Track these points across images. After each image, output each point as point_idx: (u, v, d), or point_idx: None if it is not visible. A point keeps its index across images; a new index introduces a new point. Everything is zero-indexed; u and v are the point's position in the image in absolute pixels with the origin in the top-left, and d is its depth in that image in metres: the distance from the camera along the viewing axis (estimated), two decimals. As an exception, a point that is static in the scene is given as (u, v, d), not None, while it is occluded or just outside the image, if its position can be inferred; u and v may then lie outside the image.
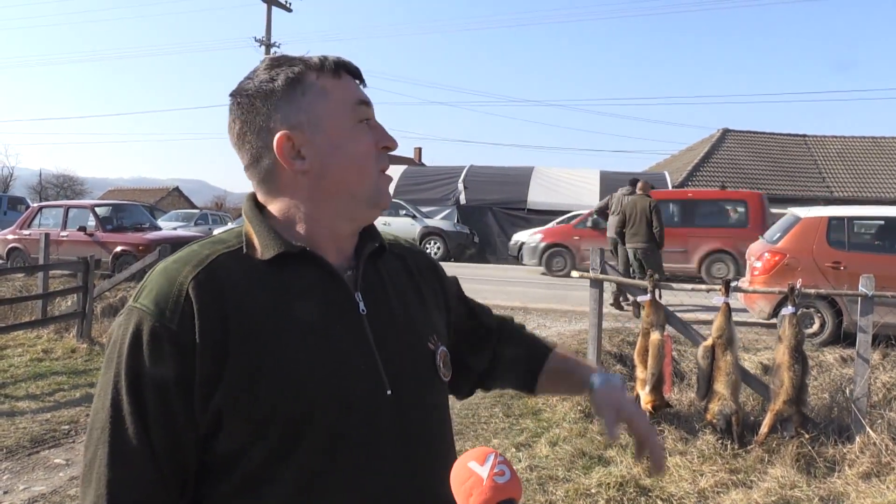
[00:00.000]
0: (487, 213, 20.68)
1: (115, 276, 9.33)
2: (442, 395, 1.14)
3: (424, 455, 1.04)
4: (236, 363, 0.91)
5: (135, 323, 0.92)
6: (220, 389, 0.91)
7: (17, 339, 7.93)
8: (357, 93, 1.07)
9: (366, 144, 1.05)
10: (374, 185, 1.06)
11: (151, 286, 0.95)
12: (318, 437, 0.95)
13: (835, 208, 9.06)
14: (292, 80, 1.02)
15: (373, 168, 1.05)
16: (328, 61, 1.05)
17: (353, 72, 1.08)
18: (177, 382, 0.90)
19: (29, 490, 4.02)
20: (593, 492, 3.86)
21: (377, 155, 1.06)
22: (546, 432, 4.79)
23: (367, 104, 1.07)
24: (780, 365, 4.52)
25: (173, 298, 0.92)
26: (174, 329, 0.91)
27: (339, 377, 0.97)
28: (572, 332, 8.33)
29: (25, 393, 5.95)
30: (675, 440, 4.61)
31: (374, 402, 0.99)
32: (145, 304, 0.93)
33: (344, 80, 1.06)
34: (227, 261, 0.98)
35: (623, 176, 22.68)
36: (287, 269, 1.00)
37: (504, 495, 0.88)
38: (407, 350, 1.07)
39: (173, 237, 13.21)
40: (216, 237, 1.06)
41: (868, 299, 4.69)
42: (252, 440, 0.93)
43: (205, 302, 0.92)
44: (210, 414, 0.91)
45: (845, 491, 3.96)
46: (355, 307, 1.03)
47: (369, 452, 0.98)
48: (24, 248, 13.29)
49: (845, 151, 25.69)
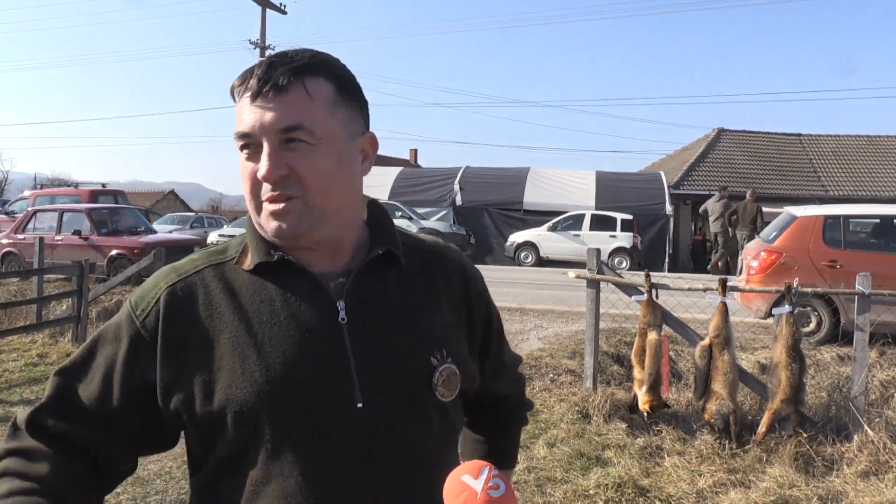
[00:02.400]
0: (484, 214, 20.69)
1: (110, 280, 9.30)
2: (435, 414, 1.05)
3: (388, 471, 0.98)
4: (193, 370, 0.97)
5: (121, 311, 1.04)
6: (175, 396, 0.97)
7: (12, 344, 7.89)
8: (239, 117, 1.00)
9: (243, 173, 1.02)
10: (256, 215, 1.02)
11: (144, 286, 1.05)
12: (268, 445, 0.96)
13: (831, 207, 9.07)
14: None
15: (251, 198, 1.01)
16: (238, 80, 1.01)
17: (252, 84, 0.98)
18: (123, 367, 1.00)
19: (23, 496, 3.99)
20: (591, 493, 3.84)
21: (255, 184, 1.00)
22: (544, 433, 4.77)
23: (243, 134, 0.99)
24: (777, 364, 4.51)
25: (148, 300, 1.02)
26: (138, 326, 1.00)
27: (296, 386, 0.96)
28: (569, 332, 8.32)
29: (20, 398, 5.91)
30: (673, 440, 4.60)
31: (338, 414, 0.96)
32: (132, 299, 1.04)
33: (238, 102, 1.01)
34: (212, 272, 1.04)
35: (619, 176, 22.74)
36: (268, 277, 1.02)
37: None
38: (398, 363, 1.01)
39: (169, 240, 13.18)
40: (221, 246, 1.10)
41: (865, 297, 4.69)
42: (209, 441, 0.98)
43: (172, 309, 1.00)
44: (170, 416, 0.99)
45: (844, 490, 3.96)
46: (334, 315, 1.00)
47: (324, 466, 0.95)
48: (18, 252, 13.24)
49: (840, 150, 25.75)
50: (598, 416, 5.02)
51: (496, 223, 20.64)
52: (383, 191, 21.60)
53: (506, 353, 1.31)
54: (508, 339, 1.34)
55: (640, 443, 4.56)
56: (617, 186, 21.20)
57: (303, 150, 0.98)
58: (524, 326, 8.78)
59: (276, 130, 0.97)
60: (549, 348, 7.35)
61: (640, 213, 19.26)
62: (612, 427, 4.85)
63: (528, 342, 7.78)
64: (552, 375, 6.20)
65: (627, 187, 21.19)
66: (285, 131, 0.97)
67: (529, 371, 6.39)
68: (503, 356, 1.29)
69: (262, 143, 0.98)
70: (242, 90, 1.00)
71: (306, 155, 0.98)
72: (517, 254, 18.61)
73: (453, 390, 1.06)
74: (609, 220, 18.23)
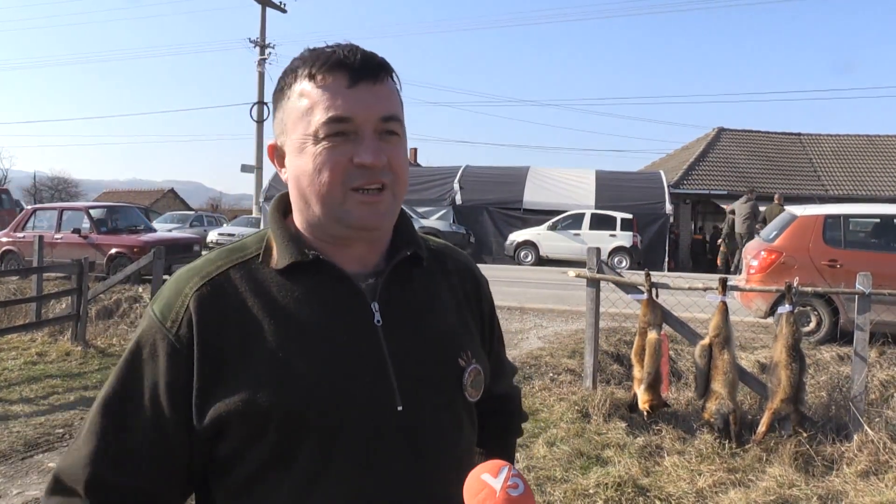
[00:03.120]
0: (483, 213, 20.70)
1: (109, 279, 9.29)
2: (465, 414, 1.07)
3: (432, 472, 1.00)
4: (232, 376, 0.93)
5: (145, 327, 0.98)
6: (215, 400, 0.93)
7: (11, 342, 7.88)
8: (330, 101, 0.96)
9: (325, 158, 0.96)
10: (339, 204, 0.97)
11: (164, 293, 1.00)
12: (314, 447, 0.93)
13: (831, 206, 9.07)
14: (282, 85, 1.02)
15: (337, 184, 0.96)
16: (314, 62, 0.98)
17: (352, 68, 0.97)
18: (168, 387, 0.94)
19: (23, 495, 3.99)
20: (591, 492, 3.84)
21: (346, 171, 0.96)
22: (543, 433, 4.77)
23: (339, 118, 0.95)
24: (777, 363, 4.51)
25: (176, 309, 0.96)
26: (172, 339, 0.95)
27: (339, 390, 0.94)
28: (569, 331, 8.32)
29: (19, 396, 5.91)
30: (673, 440, 4.60)
31: (380, 417, 0.96)
32: (156, 310, 0.98)
33: (321, 83, 0.97)
34: (238, 272, 1.00)
35: (619, 175, 22.75)
36: (301, 277, 0.99)
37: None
38: (431, 365, 1.02)
39: (168, 239, 13.18)
40: (238, 243, 1.06)
41: (865, 297, 4.68)
42: (248, 445, 0.94)
43: (204, 315, 0.95)
44: (209, 420, 0.93)
45: (844, 489, 3.95)
46: (370, 318, 1.00)
47: (368, 468, 0.95)
48: (18, 250, 13.23)
49: (840, 150, 25.76)
50: (597, 416, 5.02)
51: (496, 222, 20.65)
52: (383, 190, 21.57)
53: (504, 355, 1.32)
54: (508, 337, 1.35)
55: (640, 442, 4.56)
56: (617, 186, 21.21)
57: (394, 141, 1.00)
58: (524, 325, 8.78)
59: (378, 119, 0.97)
60: (549, 347, 7.35)
61: (640, 212, 19.28)
62: (611, 426, 4.85)
63: (528, 341, 7.77)
64: (552, 374, 6.20)
65: (627, 186, 21.21)
66: (385, 120, 0.98)
67: (529, 370, 6.39)
68: (503, 357, 1.30)
69: (358, 130, 0.96)
70: (330, 73, 0.96)
71: (396, 146, 1.00)
72: (517, 253, 18.62)
73: (479, 390, 1.09)
74: (609, 219, 18.24)
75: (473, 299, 1.17)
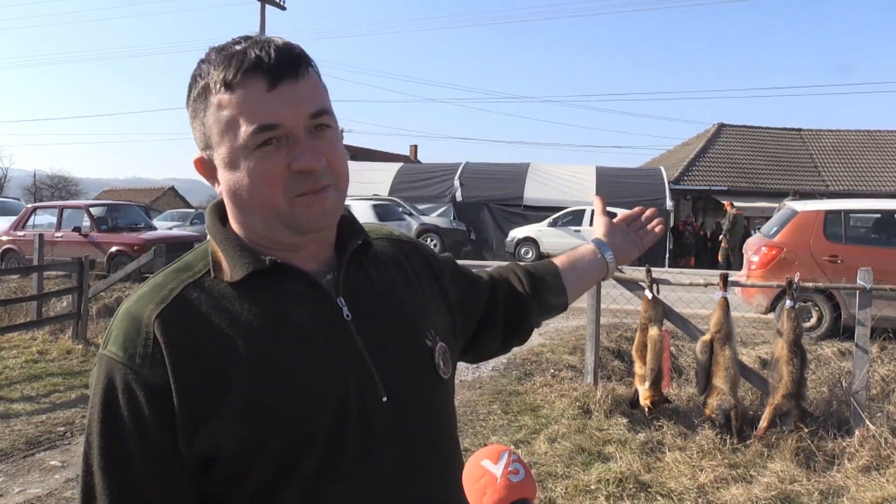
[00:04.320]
0: (484, 209, 20.70)
1: (110, 277, 9.29)
2: (443, 393, 1.07)
3: (426, 458, 1.00)
4: (218, 399, 0.87)
5: (106, 373, 0.89)
6: (205, 427, 0.87)
7: (12, 341, 7.88)
8: (253, 109, 0.90)
9: (261, 170, 0.91)
10: (286, 212, 0.93)
11: (118, 331, 0.91)
12: (317, 452, 0.92)
13: (831, 202, 9.06)
14: (196, 94, 0.94)
15: (279, 195, 0.91)
16: (227, 68, 0.90)
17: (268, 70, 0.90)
18: (158, 427, 0.87)
19: (24, 492, 3.99)
20: (593, 488, 3.84)
21: (286, 180, 0.91)
22: (545, 429, 4.77)
23: (267, 126, 0.89)
24: (778, 359, 4.51)
25: (141, 342, 0.88)
26: (146, 374, 0.87)
27: (332, 390, 0.93)
28: (570, 328, 8.32)
29: (20, 395, 5.91)
30: (675, 436, 4.60)
31: (370, 410, 0.95)
32: (113, 350, 0.89)
33: (238, 93, 0.90)
34: (193, 291, 0.93)
35: (619, 171, 22.77)
36: (260, 287, 0.94)
37: (518, 494, 0.87)
38: (402, 351, 1.02)
39: (169, 237, 13.18)
40: (180, 263, 0.99)
41: (866, 292, 4.68)
42: (250, 464, 0.90)
43: (173, 342, 0.88)
44: (197, 448, 0.88)
45: (845, 484, 3.95)
46: (339, 314, 0.98)
47: (369, 461, 0.94)
48: (18, 249, 13.24)
49: (840, 145, 25.76)
50: (599, 412, 5.02)
51: (496, 219, 20.66)
52: (383, 187, 21.60)
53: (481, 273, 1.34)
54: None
55: (642, 438, 4.56)
56: (617, 182, 21.22)
57: (328, 135, 0.95)
58: (525, 322, 8.77)
59: (307, 117, 0.92)
60: (550, 344, 7.36)
61: (641, 208, 19.24)
62: (613, 422, 4.85)
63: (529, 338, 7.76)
64: (553, 371, 6.21)
65: (628, 182, 21.22)
66: (315, 116, 0.92)
67: (531, 366, 6.39)
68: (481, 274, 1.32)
69: (288, 134, 0.91)
70: (246, 79, 0.90)
71: (331, 141, 0.95)
72: (517, 249, 18.62)
73: (450, 366, 1.09)
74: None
75: (424, 273, 1.15)
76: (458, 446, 1.11)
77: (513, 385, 5.86)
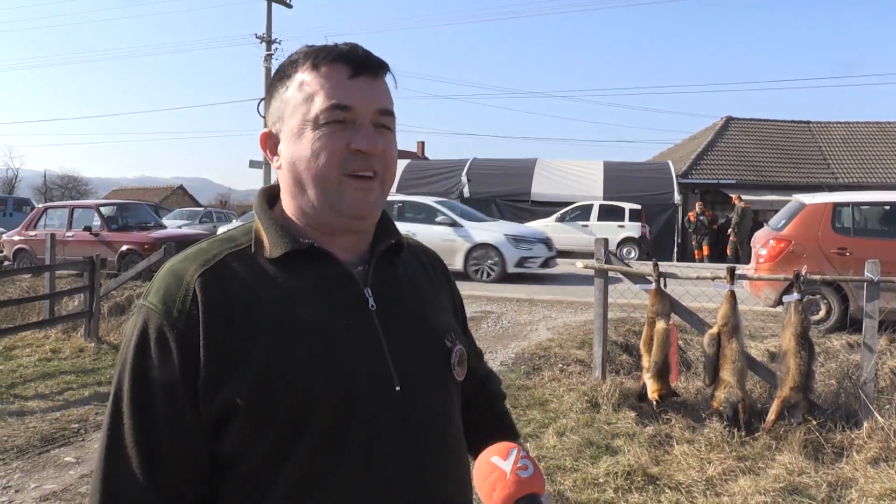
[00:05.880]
0: (491, 205, 20.66)
1: (121, 275, 9.37)
2: (454, 393, 1.12)
3: (431, 453, 1.03)
4: (240, 363, 0.93)
5: (142, 320, 0.95)
6: (223, 389, 0.92)
7: (26, 340, 7.97)
8: (332, 89, 0.99)
9: (323, 143, 0.99)
10: (333, 189, 1.00)
11: (160, 284, 0.97)
12: (319, 436, 0.95)
13: (839, 194, 9.03)
14: (281, 75, 1.05)
15: (333, 168, 0.99)
16: (317, 54, 1.02)
17: (354, 61, 1.01)
18: (184, 380, 0.93)
19: (40, 488, 4.05)
20: (601, 481, 3.86)
21: (342, 156, 0.99)
22: (553, 423, 4.79)
23: (341, 106, 0.99)
24: (786, 352, 4.52)
25: (181, 297, 0.94)
26: (181, 327, 0.93)
27: (342, 375, 0.97)
28: (578, 322, 8.33)
29: (35, 392, 5.98)
30: (683, 428, 4.61)
31: (380, 399, 0.99)
32: (153, 302, 0.96)
33: (323, 73, 1.00)
34: (234, 261, 1.00)
35: (627, 166, 22.66)
36: (295, 266, 1.01)
37: (527, 489, 0.89)
38: (421, 346, 1.06)
39: (178, 235, 13.24)
40: (226, 235, 1.06)
41: (874, 285, 4.68)
42: (251, 440, 0.94)
43: (211, 302, 0.94)
44: (213, 412, 0.93)
45: (853, 476, 3.96)
46: (365, 303, 1.03)
47: (373, 450, 0.97)
48: (30, 248, 13.34)
49: (850, 137, 25.56)
50: (607, 405, 5.04)
51: (504, 214, 20.60)
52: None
53: (472, 338, 1.37)
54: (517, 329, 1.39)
55: (650, 431, 4.58)
56: (625, 176, 21.14)
57: (387, 135, 1.04)
58: (533, 317, 8.80)
59: (376, 111, 1.02)
60: (558, 338, 7.37)
61: (649, 202, 19.22)
62: (621, 416, 4.87)
63: (537, 332, 7.79)
64: (561, 365, 6.23)
65: (635, 177, 21.13)
66: (382, 113, 1.02)
67: (539, 361, 6.41)
68: (472, 341, 1.35)
69: (356, 119, 1.00)
70: (332, 64, 1.00)
71: (388, 139, 1.04)
72: (525, 245, 18.58)
73: (464, 369, 1.13)
74: (617, 210, 18.19)
75: (447, 287, 1.24)
76: (464, 447, 1.14)
77: (521, 379, 5.89)
